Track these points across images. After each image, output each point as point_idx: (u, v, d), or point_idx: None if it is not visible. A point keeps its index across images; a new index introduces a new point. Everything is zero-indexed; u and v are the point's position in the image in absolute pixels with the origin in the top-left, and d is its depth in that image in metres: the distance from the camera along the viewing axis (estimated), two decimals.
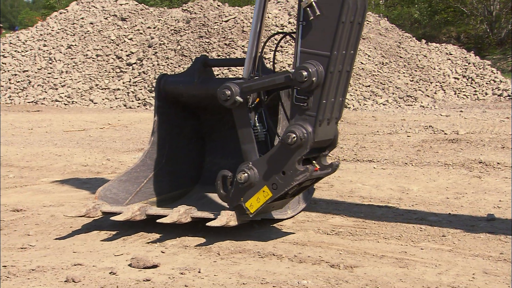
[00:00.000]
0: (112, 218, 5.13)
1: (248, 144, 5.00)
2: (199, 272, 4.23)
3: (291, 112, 4.86)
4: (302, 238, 5.13)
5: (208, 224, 4.86)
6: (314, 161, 4.96)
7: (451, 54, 24.09)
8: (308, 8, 4.69)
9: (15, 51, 22.12)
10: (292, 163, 4.74)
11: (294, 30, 4.90)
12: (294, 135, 4.69)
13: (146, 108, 17.82)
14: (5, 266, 4.28)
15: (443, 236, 5.20)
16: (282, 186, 4.80)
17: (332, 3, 4.65)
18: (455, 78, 22.44)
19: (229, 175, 5.01)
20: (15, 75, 20.84)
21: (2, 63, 21.52)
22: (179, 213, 5.02)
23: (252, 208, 4.90)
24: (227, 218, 4.88)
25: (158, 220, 5.05)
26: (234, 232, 5.27)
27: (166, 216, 5.01)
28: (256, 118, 5.11)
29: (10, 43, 22.72)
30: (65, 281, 3.99)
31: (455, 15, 39.09)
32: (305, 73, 4.64)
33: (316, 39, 4.70)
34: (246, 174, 4.86)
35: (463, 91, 21.65)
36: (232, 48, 19.67)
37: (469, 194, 6.90)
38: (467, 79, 22.52)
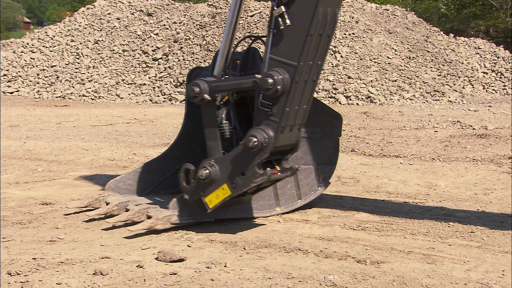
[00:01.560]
0: (87, 213, 5.28)
1: (212, 141, 5.11)
2: (225, 266, 4.24)
3: (256, 115, 4.96)
4: (328, 234, 5.10)
5: (129, 228, 4.99)
6: (275, 164, 5.07)
7: (480, 48, 23.74)
8: (279, 18, 4.79)
9: (43, 46, 22.41)
10: (252, 165, 4.85)
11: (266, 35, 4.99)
12: (256, 139, 4.79)
13: (172, 103, 17.92)
14: (34, 259, 4.34)
15: (471, 232, 5.13)
16: (241, 186, 4.91)
17: (303, 15, 4.74)
18: (483, 72, 22.12)
19: (192, 169, 5.09)
20: (43, 70, 21.11)
21: (31, 58, 21.82)
22: (131, 213, 5.16)
23: (211, 204, 5.01)
24: (151, 222, 5.00)
25: (106, 220, 5.19)
26: (259, 227, 5.28)
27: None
28: (223, 115, 5.19)
29: (39, 38, 23.02)
30: (93, 273, 4.04)
31: (483, 9, 38.46)
32: (270, 81, 4.74)
33: (285, 48, 4.80)
34: (207, 171, 4.97)
35: (492, 86, 21.33)
36: (257, 43, 19.62)
37: (498, 190, 6.80)
38: (496, 74, 22.18)
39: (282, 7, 4.76)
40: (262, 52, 5.28)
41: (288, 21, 4.75)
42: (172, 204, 5.15)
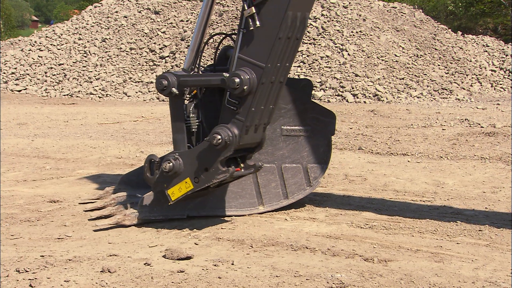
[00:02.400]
0: (86, 206, 5.45)
1: (178, 134, 5.17)
2: (232, 264, 4.24)
3: (222, 112, 5.02)
4: (335, 232, 5.10)
5: (96, 223, 5.18)
6: (239, 161, 5.18)
7: (488, 46, 23.64)
8: (250, 18, 4.85)
9: (51, 44, 22.48)
10: (215, 162, 4.91)
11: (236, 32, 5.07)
12: (220, 137, 4.84)
13: None
14: (42, 256, 4.36)
15: (479, 230, 5.11)
16: (204, 181, 4.98)
17: (273, 18, 4.80)
18: (492, 70, 22.02)
19: (156, 160, 5.17)
20: (51, 68, 21.18)
21: (39, 56, 21.89)
22: (114, 208, 5.33)
23: (174, 196, 5.08)
24: (118, 218, 5.16)
25: (90, 214, 5.40)
26: (266, 225, 5.27)
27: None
28: (191, 109, 5.23)
29: (46, 36, 23.09)
30: (101, 271, 4.05)
31: (492, 6, 38.25)
32: (237, 80, 4.81)
33: (254, 49, 4.87)
34: (171, 164, 5.02)
35: (500, 84, 21.24)
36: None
37: (506, 188, 6.77)
38: (504, 71, 22.08)
39: (253, 8, 4.83)
40: None
41: (258, 23, 4.83)
42: (141, 201, 5.25)
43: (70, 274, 4.00)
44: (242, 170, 5.15)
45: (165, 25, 21.77)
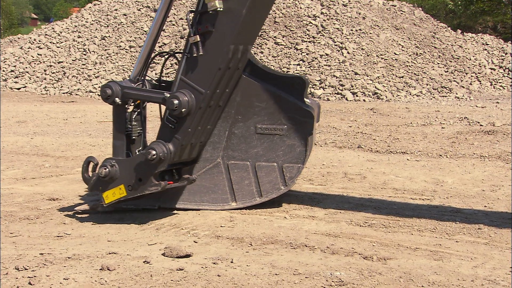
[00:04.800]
0: (77, 208, 5.62)
1: (118, 141, 5.32)
2: (231, 262, 4.24)
3: (160, 128, 5.20)
4: (334, 230, 5.10)
5: (75, 208, 5.57)
6: (174, 172, 5.43)
7: (487, 45, 23.64)
8: (194, 45, 5.01)
9: (50, 42, 22.46)
10: (149, 175, 5.07)
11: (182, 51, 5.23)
12: (154, 152, 4.98)
13: None
14: (42, 254, 4.36)
15: (479, 229, 5.11)
16: (137, 191, 5.14)
17: (215, 49, 4.95)
18: (491, 68, 22.02)
19: (95, 162, 5.35)
20: (50, 66, 21.17)
21: (38, 54, 21.87)
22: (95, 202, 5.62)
23: (107, 199, 5.24)
24: (93, 204, 5.56)
25: (76, 208, 5.68)
26: (266, 223, 5.28)
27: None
28: (134, 117, 5.36)
29: (46, 34, 23.07)
30: (100, 269, 4.05)
31: (491, 5, 38.26)
32: (176, 102, 4.96)
33: (195, 74, 5.02)
34: (107, 170, 5.17)
35: (500, 82, 21.25)
36: (264, 39, 19.65)
37: (505, 187, 6.77)
38: (504, 70, 22.09)
39: (198, 36, 4.97)
40: None
41: (201, 51, 4.98)
42: None
43: (69, 272, 4.00)
44: (175, 182, 5.32)
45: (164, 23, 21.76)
